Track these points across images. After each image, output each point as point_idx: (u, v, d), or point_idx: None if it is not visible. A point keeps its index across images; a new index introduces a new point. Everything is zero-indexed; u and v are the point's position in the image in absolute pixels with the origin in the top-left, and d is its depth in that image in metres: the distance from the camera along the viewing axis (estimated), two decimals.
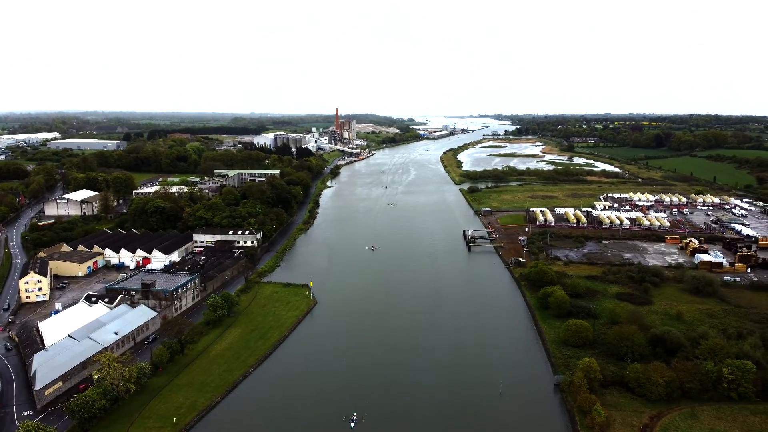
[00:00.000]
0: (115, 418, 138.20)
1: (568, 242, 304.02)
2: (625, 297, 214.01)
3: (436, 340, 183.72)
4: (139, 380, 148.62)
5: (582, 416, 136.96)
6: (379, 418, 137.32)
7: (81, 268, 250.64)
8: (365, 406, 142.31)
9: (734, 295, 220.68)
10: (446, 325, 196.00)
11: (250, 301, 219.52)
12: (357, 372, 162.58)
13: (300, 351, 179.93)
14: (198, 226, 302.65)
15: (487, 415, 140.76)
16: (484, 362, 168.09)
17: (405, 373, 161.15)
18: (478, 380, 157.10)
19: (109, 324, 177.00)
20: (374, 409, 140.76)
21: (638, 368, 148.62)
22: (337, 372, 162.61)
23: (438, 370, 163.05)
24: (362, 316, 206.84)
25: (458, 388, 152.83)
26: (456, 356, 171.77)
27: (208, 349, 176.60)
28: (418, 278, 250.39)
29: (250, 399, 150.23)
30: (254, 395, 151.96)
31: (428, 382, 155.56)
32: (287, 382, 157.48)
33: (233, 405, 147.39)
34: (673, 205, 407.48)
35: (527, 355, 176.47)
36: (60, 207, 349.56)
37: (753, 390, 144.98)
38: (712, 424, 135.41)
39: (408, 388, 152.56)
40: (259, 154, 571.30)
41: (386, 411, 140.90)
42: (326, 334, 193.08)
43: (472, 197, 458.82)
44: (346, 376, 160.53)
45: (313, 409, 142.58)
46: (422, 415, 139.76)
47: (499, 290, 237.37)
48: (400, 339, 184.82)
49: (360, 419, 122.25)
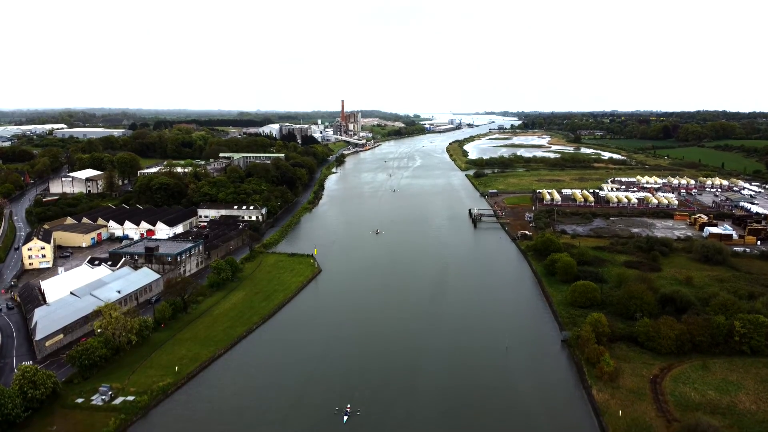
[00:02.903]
0: (116, 368, 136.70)
1: (575, 219, 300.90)
2: (633, 265, 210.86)
3: (441, 306, 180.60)
4: (141, 332, 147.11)
5: (590, 367, 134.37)
6: (378, 388, 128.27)
7: (85, 239, 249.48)
8: (366, 374, 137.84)
9: (744, 263, 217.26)
10: (452, 294, 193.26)
11: (255, 268, 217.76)
12: (360, 337, 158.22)
13: (304, 312, 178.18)
14: (203, 202, 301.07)
15: (493, 371, 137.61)
16: (490, 326, 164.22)
17: (408, 338, 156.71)
18: (483, 343, 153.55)
19: (112, 283, 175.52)
20: (375, 375, 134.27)
21: (647, 322, 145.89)
22: (341, 334, 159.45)
23: (442, 335, 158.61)
24: (367, 283, 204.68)
25: (463, 351, 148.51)
26: (461, 322, 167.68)
27: (211, 309, 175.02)
28: (424, 250, 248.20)
29: (252, 354, 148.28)
30: (257, 351, 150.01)
31: (432, 346, 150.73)
32: (290, 341, 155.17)
33: (236, 359, 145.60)
34: (681, 187, 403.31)
35: (534, 316, 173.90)
36: (65, 185, 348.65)
37: (766, 344, 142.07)
38: (724, 375, 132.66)
39: (412, 353, 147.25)
40: (264, 140, 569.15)
41: (388, 378, 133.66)
42: (330, 298, 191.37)
43: (478, 181, 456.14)
44: (349, 338, 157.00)
45: (314, 369, 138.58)
46: (425, 382, 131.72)
47: (506, 261, 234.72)
48: (404, 306, 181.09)
49: (354, 412, 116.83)
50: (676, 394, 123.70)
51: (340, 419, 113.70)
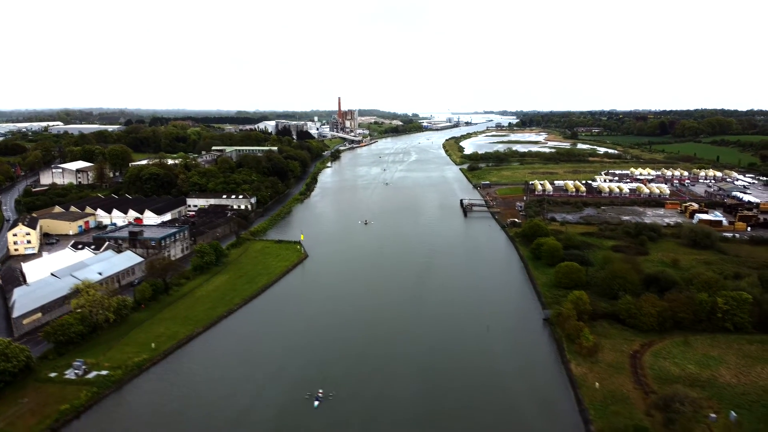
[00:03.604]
0: (93, 345, 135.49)
1: (566, 208, 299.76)
2: (620, 249, 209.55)
3: (425, 291, 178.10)
4: (119, 311, 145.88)
5: (570, 343, 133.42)
6: (354, 371, 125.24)
7: (72, 226, 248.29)
8: (343, 357, 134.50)
9: (733, 248, 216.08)
10: (437, 279, 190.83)
11: (241, 254, 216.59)
12: (341, 320, 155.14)
13: (287, 294, 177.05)
14: (192, 192, 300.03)
15: (472, 351, 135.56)
16: (473, 309, 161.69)
17: (389, 321, 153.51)
18: (465, 324, 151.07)
19: (93, 265, 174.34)
20: (352, 358, 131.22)
21: (629, 300, 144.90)
22: (322, 317, 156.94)
23: (424, 318, 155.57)
24: (353, 268, 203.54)
25: (445, 332, 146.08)
26: (444, 305, 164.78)
27: (193, 291, 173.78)
28: (412, 239, 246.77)
29: (232, 334, 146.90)
30: (237, 331, 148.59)
31: (413, 329, 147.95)
32: (271, 323, 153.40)
33: (214, 338, 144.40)
34: (674, 178, 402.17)
35: (518, 298, 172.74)
36: (55, 176, 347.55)
37: (749, 321, 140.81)
38: (706, 350, 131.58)
39: (392, 335, 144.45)
40: (259, 135, 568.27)
41: (365, 361, 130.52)
42: (314, 282, 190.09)
43: (472, 174, 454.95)
44: (330, 322, 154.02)
45: (292, 351, 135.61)
46: (402, 364, 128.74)
47: (494, 248, 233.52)
48: (388, 291, 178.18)
49: (326, 396, 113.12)
50: (656, 368, 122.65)
51: (311, 404, 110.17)
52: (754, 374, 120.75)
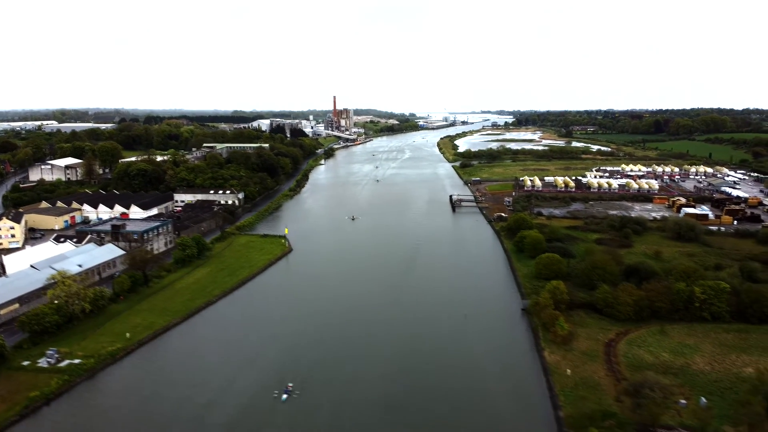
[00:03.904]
0: (68, 335, 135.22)
1: (554, 203, 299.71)
2: (604, 242, 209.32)
3: (408, 283, 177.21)
4: (96, 302, 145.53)
5: (545, 332, 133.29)
6: (326, 362, 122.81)
7: (58, 221, 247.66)
8: (317, 348, 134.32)
9: (717, 241, 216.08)
10: (420, 271, 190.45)
11: (224, 248, 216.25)
12: (321, 310, 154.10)
13: (268, 286, 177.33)
14: (179, 187, 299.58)
15: (449, 339, 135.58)
16: (453, 299, 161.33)
17: (369, 312, 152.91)
18: (444, 314, 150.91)
19: (74, 257, 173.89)
20: (325, 350, 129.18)
21: (606, 289, 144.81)
22: (301, 308, 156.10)
23: (404, 308, 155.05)
24: (336, 261, 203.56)
25: (423, 322, 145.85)
26: (425, 296, 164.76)
27: (174, 283, 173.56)
28: (398, 233, 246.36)
29: (209, 325, 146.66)
30: (214, 323, 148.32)
31: (392, 319, 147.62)
32: (249, 315, 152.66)
33: (191, 329, 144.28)
34: (665, 174, 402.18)
35: (498, 289, 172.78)
36: (44, 172, 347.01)
37: (727, 310, 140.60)
38: (682, 339, 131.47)
39: (369, 326, 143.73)
40: (252, 132, 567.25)
41: (339, 352, 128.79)
42: (296, 275, 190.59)
43: (464, 171, 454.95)
44: (309, 312, 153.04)
45: (267, 343, 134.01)
46: (378, 352, 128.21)
47: (479, 241, 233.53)
48: (370, 283, 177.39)
49: (295, 390, 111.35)
50: (629, 356, 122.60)
51: (279, 397, 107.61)
52: (729, 362, 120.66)
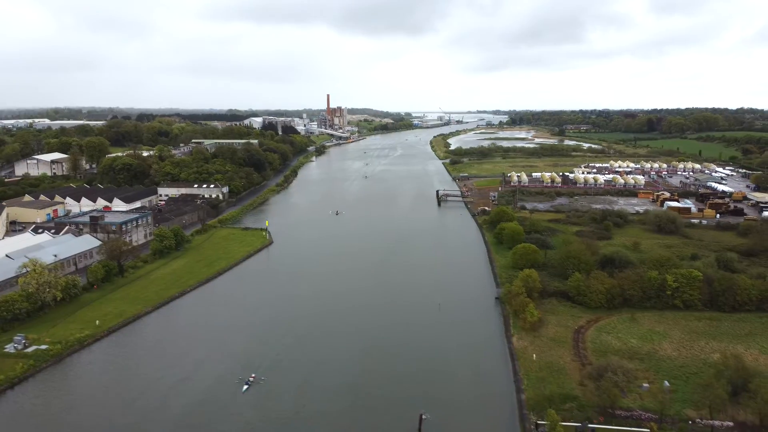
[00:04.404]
0: (39, 322, 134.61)
1: (539, 198, 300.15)
2: (584, 234, 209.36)
3: (385, 274, 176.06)
4: (68, 290, 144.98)
5: (516, 319, 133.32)
6: (291, 353, 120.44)
7: (40, 214, 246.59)
8: (284, 338, 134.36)
9: (697, 233, 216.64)
10: (400, 262, 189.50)
11: (204, 240, 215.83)
12: (295, 301, 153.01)
13: (245, 277, 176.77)
14: (164, 181, 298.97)
15: (419, 326, 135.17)
16: (428, 289, 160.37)
17: (344, 298, 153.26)
18: (417, 303, 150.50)
19: (49, 247, 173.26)
20: (294, 339, 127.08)
21: (579, 277, 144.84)
22: (276, 298, 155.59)
23: (378, 298, 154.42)
24: (317, 253, 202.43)
25: (395, 310, 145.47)
26: (401, 285, 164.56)
27: (149, 274, 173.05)
28: (381, 227, 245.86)
29: (182, 313, 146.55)
30: (187, 311, 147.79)
31: (365, 308, 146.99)
32: (223, 305, 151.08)
33: (163, 317, 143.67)
34: (653, 170, 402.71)
35: (475, 279, 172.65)
36: (30, 167, 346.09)
37: (699, 298, 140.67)
38: (652, 326, 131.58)
39: (343, 312, 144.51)
40: (242, 129, 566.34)
41: (306, 341, 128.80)
42: (275, 263, 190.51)
43: (453, 167, 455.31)
44: (283, 302, 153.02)
45: (239, 332, 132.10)
46: (347, 341, 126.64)
47: (461, 234, 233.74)
48: (348, 274, 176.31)
49: (258, 380, 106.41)
50: (597, 342, 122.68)
51: (239, 388, 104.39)
52: (697, 348, 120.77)
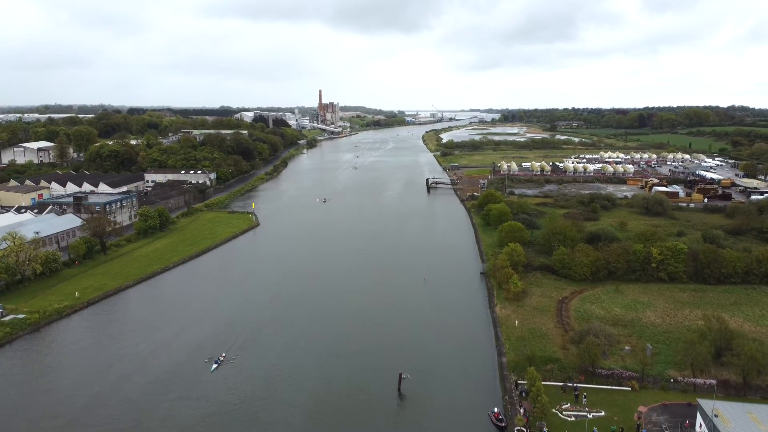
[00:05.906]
0: (18, 294, 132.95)
1: (529, 185, 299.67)
2: (571, 216, 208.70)
3: (372, 254, 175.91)
4: (47, 264, 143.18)
5: (500, 290, 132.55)
6: (266, 332, 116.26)
7: (25, 198, 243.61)
8: (261, 317, 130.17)
9: (684, 215, 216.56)
10: (386, 244, 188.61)
11: (190, 222, 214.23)
12: (277, 280, 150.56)
13: (228, 256, 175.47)
14: (151, 168, 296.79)
15: (405, 300, 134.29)
16: (415, 266, 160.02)
17: (325, 283, 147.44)
18: (404, 278, 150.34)
19: (31, 225, 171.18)
20: (271, 318, 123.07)
21: (564, 251, 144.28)
22: (259, 277, 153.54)
23: (363, 277, 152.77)
24: (304, 235, 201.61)
25: (381, 287, 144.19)
26: (388, 265, 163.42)
27: (133, 252, 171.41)
28: (369, 213, 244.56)
29: (162, 288, 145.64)
30: (168, 285, 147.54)
31: (349, 288, 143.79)
32: (204, 283, 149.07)
33: (143, 292, 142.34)
34: (642, 160, 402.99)
35: (462, 257, 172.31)
36: (17, 155, 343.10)
37: (684, 270, 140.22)
38: (636, 296, 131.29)
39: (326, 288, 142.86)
40: (232, 122, 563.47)
41: (283, 321, 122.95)
42: (261, 244, 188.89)
43: (444, 159, 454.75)
44: (265, 281, 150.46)
45: (215, 311, 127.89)
46: (329, 317, 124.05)
47: (450, 217, 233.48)
48: (334, 253, 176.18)
49: (229, 359, 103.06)
50: (581, 311, 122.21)
51: (208, 368, 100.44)
52: (681, 316, 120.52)
